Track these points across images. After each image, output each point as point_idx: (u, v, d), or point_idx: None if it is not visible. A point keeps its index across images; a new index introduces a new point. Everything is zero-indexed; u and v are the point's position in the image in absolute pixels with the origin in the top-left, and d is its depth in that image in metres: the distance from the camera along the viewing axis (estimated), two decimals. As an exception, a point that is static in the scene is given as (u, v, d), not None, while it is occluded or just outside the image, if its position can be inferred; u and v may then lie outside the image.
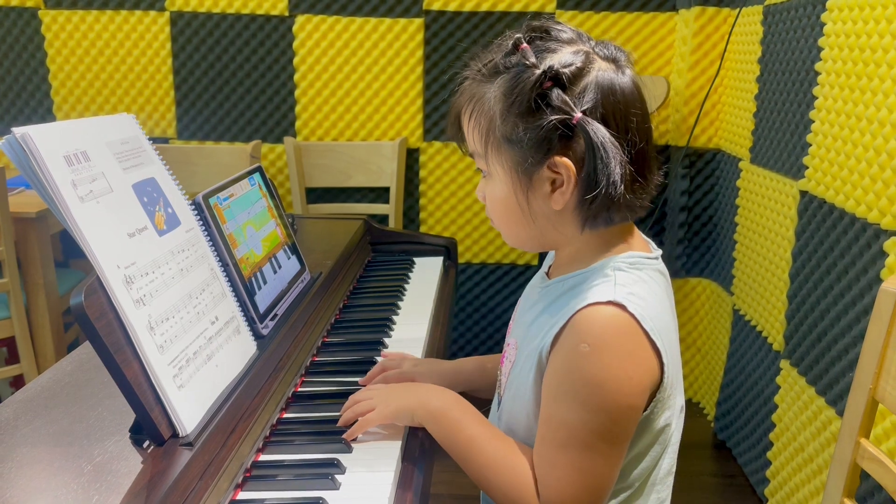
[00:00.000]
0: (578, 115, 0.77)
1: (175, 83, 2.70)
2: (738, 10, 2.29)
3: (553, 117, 0.77)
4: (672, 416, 0.85)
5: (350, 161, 2.72)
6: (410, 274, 1.61)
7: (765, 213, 2.07)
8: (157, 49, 2.68)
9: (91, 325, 0.73)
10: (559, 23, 0.84)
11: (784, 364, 1.91)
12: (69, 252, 2.89)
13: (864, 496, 1.46)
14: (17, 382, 2.65)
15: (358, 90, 2.69)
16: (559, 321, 0.81)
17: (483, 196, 0.90)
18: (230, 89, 2.70)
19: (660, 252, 0.88)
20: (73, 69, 2.71)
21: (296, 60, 2.67)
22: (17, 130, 0.73)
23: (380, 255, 1.74)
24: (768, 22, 2.08)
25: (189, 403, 0.83)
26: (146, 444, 0.80)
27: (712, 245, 2.57)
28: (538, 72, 0.78)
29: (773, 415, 1.97)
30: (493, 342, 2.90)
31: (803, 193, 1.82)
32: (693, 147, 2.51)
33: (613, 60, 0.81)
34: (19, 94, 2.73)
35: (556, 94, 0.77)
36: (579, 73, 0.78)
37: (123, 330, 0.78)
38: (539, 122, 0.78)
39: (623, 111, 0.79)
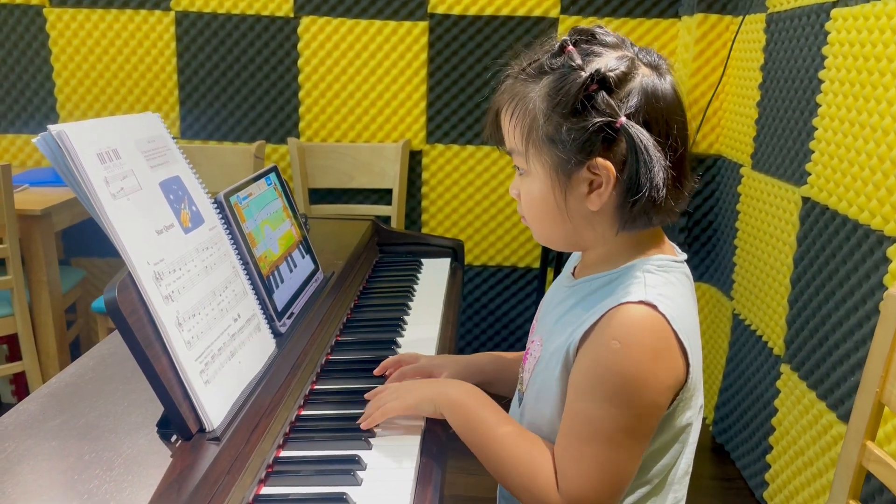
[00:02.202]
0: (623, 118, 0.78)
1: (179, 83, 2.71)
2: (741, 17, 2.32)
3: (597, 119, 0.78)
4: (693, 416, 0.87)
5: (353, 163, 2.73)
6: (419, 275, 1.62)
7: (766, 218, 2.10)
8: (161, 49, 2.69)
9: (124, 319, 0.74)
10: (604, 28, 0.85)
11: (784, 368, 1.94)
12: (70, 250, 2.89)
13: (865, 498, 1.48)
14: (19, 380, 2.65)
15: (362, 92, 2.70)
16: (589, 318, 0.83)
17: (517, 193, 0.91)
18: (234, 90, 2.71)
19: (685, 256, 0.90)
20: (77, 68, 2.71)
21: (300, 62, 2.68)
22: (53, 128, 0.74)
23: (387, 255, 1.75)
24: (771, 30, 2.11)
25: (215, 399, 0.84)
26: (174, 438, 0.81)
27: (712, 250, 2.59)
28: (585, 74, 0.79)
29: (773, 418, 1.99)
30: (492, 344, 2.91)
31: (805, 200, 1.84)
32: (694, 152, 2.53)
33: (655, 67, 0.83)
34: (23, 91, 2.73)
35: (602, 96, 0.78)
36: (624, 78, 0.80)
37: (153, 325, 0.79)
38: (583, 124, 0.79)
39: (665, 117, 0.81)
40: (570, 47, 0.82)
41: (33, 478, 0.73)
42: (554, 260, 2.56)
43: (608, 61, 0.80)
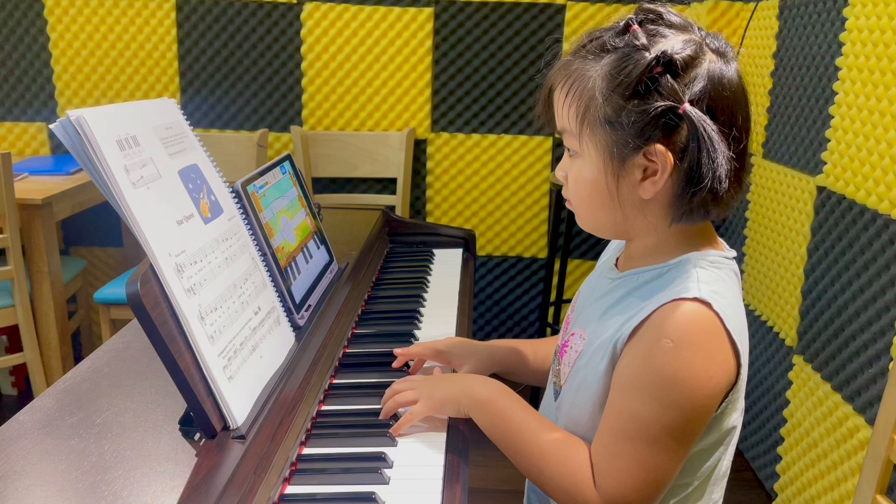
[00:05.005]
0: (686, 104, 0.75)
1: (180, 70, 2.67)
2: (753, 4, 2.29)
3: (659, 103, 0.75)
4: (737, 418, 0.85)
5: (357, 151, 2.70)
6: (431, 265, 1.59)
7: (778, 208, 2.07)
8: (162, 35, 2.64)
9: (147, 314, 0.71)
10: (671, 9, 0.81)
11: (797, 360, 1.92)
12: (70, 240, 2.85)
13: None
14: (19, 371, 2.62)
15: (366, 80, 2.66)
16: (639, 314, 0.80)
17: (564, 175, 0.87)
18: (236, 77, 2.67)
19: (734, 253, 0.87)
20: (76, 54, 2.66)
21: (303, 48, 2.64)
22: (72, 113, 0.71)
23: (398, 246, 1.72)
24: (784, 17, 2.08)
25: (239, 395, 0.81)
26: (197, 436, 0.78)
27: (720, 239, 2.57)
28: (650, 55, 0.75)
29: (785, 410, 1.97)
30: (497, 335, 2.89)
31: (820, 189, 1.81)
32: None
33: (722, 53, 0.79)
34: (20, 78, 2.68)
35: (666, 80, 0.75)
36: (691, 62, 0.76)
37: (176, 319, 0.76)
38: (644, 107, 0.75)
39: (730, 106, 0.77)
40: (636, 26, 0.78)
41: (54, 478, 0.70)
42: (561, 249, 2.54)
43: (675, 44, 0.77)
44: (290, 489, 0.83)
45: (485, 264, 2.82)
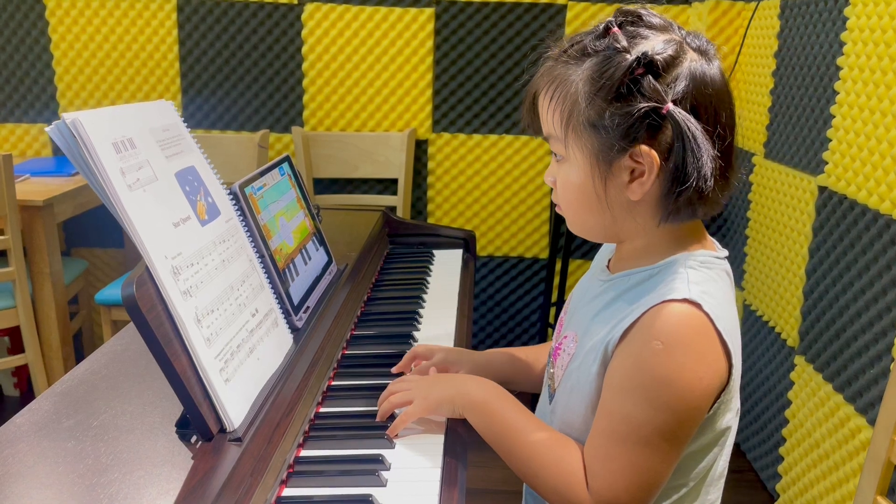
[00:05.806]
0: (669, 104, 0.75)
1: (182, 71, 2.67)
2: (754, 3, 2.28)
3: (643, 105, 0.75)
4: (732, 418, 0.84)
5: (358, 152, 2.70)
6: (431, 266, 1.59)
7: (779, 208, 2.07)
8: (163, 36, 2.64)
9: (143, 316, 0.71)
10: (650, 10, 0.81)
11: (799, 360, 1.91)
12: (71, 240, 2.85)
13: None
14: (22, 372, 2.62)
15: (367, 80, 2.66)
16: (629, 316, 0.80)
17: (552, 180, 0.87)
18: (238, 77, 2.67)
19: (726, 253, 0.87)
20: (78, 55, 2.66)
21: (304, 49, 2.64)
22: (67, 116, 0.71)
23: (398, 247, 1.72)
24: (786, 16, 2.07)
25: (235, 397, 0.81)
26: (193, 439, 0.78)
27: (722, 240, 2.56)
28: (630, 57, 0.75)
29: (787, 411, 1.97)
30: (499, 335, 2.89)
31: (822, 189, 1.81)
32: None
33: (703, 52, 0.79)
34: (22, 79, 2.69)
35: (648, 81, 0.75)
36: (672, 62, 0.76)
37: (172, 322, 0.76)
38: (627, 109, 0.75)
39: (713, 104, 0.77)
40: (616, 29, 0.78)
41: (50, 481, 0.70)
42: (562, 250, 2.53)
43: (655, 44, 0.77)
44: (287, 492, 0.83)
45: (486, 265, 2.82)
